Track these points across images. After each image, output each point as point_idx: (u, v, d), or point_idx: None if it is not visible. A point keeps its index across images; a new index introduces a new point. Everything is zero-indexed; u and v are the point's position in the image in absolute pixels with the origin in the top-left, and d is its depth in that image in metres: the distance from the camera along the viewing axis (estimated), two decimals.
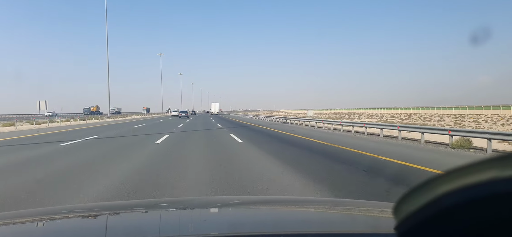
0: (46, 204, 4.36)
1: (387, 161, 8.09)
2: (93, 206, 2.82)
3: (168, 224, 1.39)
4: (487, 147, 10.09)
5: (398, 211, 0.57)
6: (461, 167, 0.49)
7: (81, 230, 1.35)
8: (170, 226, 1.36)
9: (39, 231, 1.30)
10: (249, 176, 6.21)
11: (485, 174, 0.45)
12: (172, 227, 1.34)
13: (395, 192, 4.76)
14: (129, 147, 11.47)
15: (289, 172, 6.50)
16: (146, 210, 1.73)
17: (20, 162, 8.21)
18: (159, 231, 1.24)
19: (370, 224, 1.38)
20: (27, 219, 1.48)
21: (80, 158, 8.78)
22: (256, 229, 1.26)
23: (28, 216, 1.60)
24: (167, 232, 1.25)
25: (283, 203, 2.09)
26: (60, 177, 6.29)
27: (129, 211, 1.71)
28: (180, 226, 1.35)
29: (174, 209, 1.75)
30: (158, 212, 1.69)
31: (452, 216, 0.50)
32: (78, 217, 1.55)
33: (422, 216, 0.52)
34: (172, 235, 1.23)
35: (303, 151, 10.44)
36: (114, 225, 1.39)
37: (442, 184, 0.50)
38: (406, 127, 14.50)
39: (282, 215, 1.61)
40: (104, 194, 4.82)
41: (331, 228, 1.30)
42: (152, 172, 6.64)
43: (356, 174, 6.50)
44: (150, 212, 1.67)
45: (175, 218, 1.54)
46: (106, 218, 1.49)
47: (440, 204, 0.49)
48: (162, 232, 1.23)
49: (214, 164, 7.55)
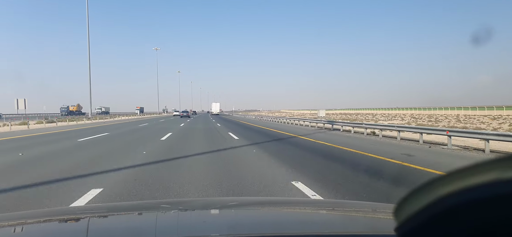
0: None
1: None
2: (92, 207, 2.87)
3: (167, 226, 1.39)
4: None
5: (398, 213, 0.56)
6: (463, 168, 0.47)
7: (79, 232, 1.34)
8: (169, 228, 1.36)
9: (39, 232, 1.32)
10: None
11: (487, 175, 0.44)
12: (171, 229, 1.34)
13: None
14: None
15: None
16: (145, 211, 1.73)
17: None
18: (158, 232, 1.23)
19: (370, 225, 1.39)
20: (27, 221, 1.47)
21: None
22: (256, 230, 1.25)
23: (28, 217, 1.60)
24: (166, 234, 1.25)
25: (282, 204, 2.10)
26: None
27: (128, 212, 1.72)
28: (179, 228, 1.34)
29: (173, 210, 1.76)
30: (157, 213, 1.67)
31: (453, 218, 0.49)
32: (77, 219, 1.54)
33: (423, 217, 0.51)
34: (171, 236, 1.23)
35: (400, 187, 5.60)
36: (113, 227, 1.42)
37: (443, 185, 0.49)
38: (460, 131, 11.67)
39: (282, 216, 1.61)
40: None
41: (331, 229, 1.30)
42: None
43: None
44: (149, 213, 1.67)
45: (174, 219, 1.54)
46: (106, 220, 1.52)
47: (441, 206, 0.48)
48: (161, 233, 1.22)
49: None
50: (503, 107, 58.17)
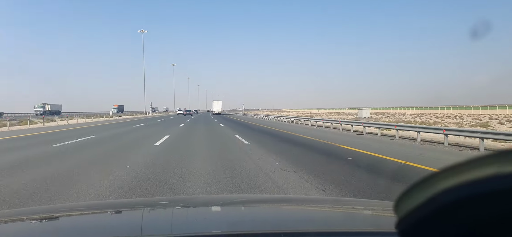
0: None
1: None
2: (93, 204, 2.78)
3: (168, 223, 1.38)
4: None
5: (398, 208, 0.56)
6: (461, 163, 0.47)
7: (80, 229, 1.32)
8: (170, 225, 1.33)
9: (40, 229, 1.29)
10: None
11: (485, 170, 0.44)
12: (172, 226, 1.31)
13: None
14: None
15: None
16: (146, 208, 1.69)
17: None
18: (159, 229, 1.22)
19: (371, 222, 1.39)
20: (27, 218, 1.45)
21: None
22: (257, 228, 1.24)
23: (28, 214, 1.59)
24: (167, 231, 1.22)
25: (283, 202, 2.10)
26: None
27: (129, 209, 1.70)
28: (180, 224, 1.35)
29: (174, 207, 1.72)
30: (158, 210, 1.65)
31: (452, 213, 0.48)
32: (78, 216, 1.54)
33: (423, 213, 0.51)
34: (172, 233, 1.20)
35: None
36: (114, 224, 1.41)
37: (442, 181, 0.48)
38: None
39: (283, 214, 1.60)
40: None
41: (331, 226, 1.29)
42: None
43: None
44: (150, 210, 1.63)
45: (175, 216, 1.51)
46: (106, 217, 1.52)
47: (440, 201, 0.48)
48: (162, 230, 1.21)
49: None
50: (506, 106, 57.95)
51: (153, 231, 1.19)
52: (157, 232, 1.18)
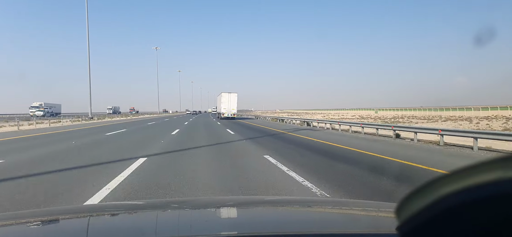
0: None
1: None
2: (95, 206, 2.84)
3: (170, 224, 1.41)
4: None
5: (400, 212, 0.56)
6: (465, 168, 0.47)
7: (82, 231, 1.33)
8: (171, 226, 1.36)
9: (41, 232, 1.31)
10: None
11: (489, 175, 0.44)
12: (174, 228, 1.34)
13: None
14: None
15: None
16: (148, 210, 1.73)
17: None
18: (160, 231, 1.25)
19: (372, 224, 1.38)
20: (28, 220, 1.46)
21: None
22: (258, 229, 1.25)
23: (29, 216, 1.59)
24: (168, 233, 1.27)
25: (284, 204, 2.08)
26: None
27: (130, 212, 1.72)
28: (182, 226, 1.35)
29: (175, 209, 1.76)
30: (160, 212, 1.66)
31: (455, 217, 0.49)
32: (80, 218, 1.52)
33: (425, 216, 0.51)
34: (173, 235, 1.24)
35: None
36: (116, 226, 1.41)
37: (446, 185, 0.49)
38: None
39: (284, 215, 1.60)
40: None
41: (333, 228, 1.30)
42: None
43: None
44: (152, 212, 1.67)
45: (177, 218, 1.54)
46: (111, 218, 1.53)
47: (443, 205, 0.48)
48: (164, 232, 1.25)
49: None
50: (507, 107, 54.31)
51: (153, 234, 1.22)
52: (158, 234, 1.21)
